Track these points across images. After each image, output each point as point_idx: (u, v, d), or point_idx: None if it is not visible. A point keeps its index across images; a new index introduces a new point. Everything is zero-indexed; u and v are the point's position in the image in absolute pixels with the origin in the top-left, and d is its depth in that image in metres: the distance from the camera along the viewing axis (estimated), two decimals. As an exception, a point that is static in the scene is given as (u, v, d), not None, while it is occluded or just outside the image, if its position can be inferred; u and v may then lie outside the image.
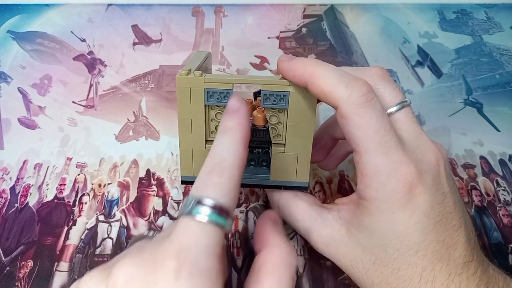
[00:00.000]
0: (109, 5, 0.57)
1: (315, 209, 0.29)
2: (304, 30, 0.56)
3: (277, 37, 0.55)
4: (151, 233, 0.27)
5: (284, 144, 0.29)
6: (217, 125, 0.30)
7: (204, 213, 0.20)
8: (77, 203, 0.38)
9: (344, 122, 0.25)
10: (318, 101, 0.28)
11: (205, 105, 0.29)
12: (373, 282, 0.26)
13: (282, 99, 0.28)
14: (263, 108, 0.29)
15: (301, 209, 0.30)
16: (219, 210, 0.21)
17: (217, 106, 0.29)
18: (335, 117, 0.26)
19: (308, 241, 0.30)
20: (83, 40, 0.53)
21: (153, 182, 0.40)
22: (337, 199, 0.31)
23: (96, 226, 0.37)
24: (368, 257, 0.26)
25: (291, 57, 0.28)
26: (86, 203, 0.38)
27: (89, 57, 0.51)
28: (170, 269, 0.19)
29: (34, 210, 0.38)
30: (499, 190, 0.41)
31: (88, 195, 0.39)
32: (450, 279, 0.25)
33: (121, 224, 0.37)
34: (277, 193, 0.31)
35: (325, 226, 0.28)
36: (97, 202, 0.38)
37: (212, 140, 0.29)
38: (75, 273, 0.34)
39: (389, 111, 0.27)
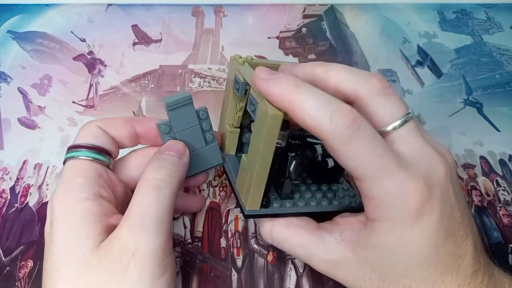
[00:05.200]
0: (109, 5, 0.57)
1: (314, 233, 0.28)
2: (304, 30, 0.56)
3: (277, 37, 0.55)
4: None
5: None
6: (239, 116, 0.32)
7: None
8: (77, 203, 0.38)
9: (334, 154, 0.24)
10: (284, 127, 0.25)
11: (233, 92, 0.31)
12: None
13: (255, 108, 0.26)
14: None
15: (298, 236, 0.28)
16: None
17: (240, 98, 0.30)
18: None
19: (310, 265, 0.29)
20: (83, 40, 0.53)
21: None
22: (337, 217, 0.29)
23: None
24: (377, 275, 0.25)
25: (268, 73, 0.24)
26: (86, 203, 0.38)
27: (89, 57, 0.51)
28: None
29: (34, 210, 0.38)
30: (499, 190, 0.41)
31: (88, 195, 0.39)
32: None
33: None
34: (268, 223, 0.30)
35: (327, 251, 0.27)
36: (97, 202, 0.38)
37: (235, 129, 0.33)
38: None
39: (391, 127, 0.25)
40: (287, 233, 0.29)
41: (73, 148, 0.28)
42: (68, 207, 0.25)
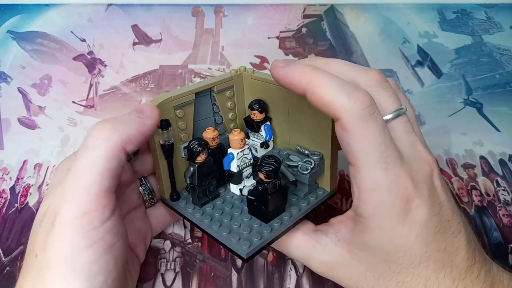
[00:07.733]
0: (109, 5, 0.57)
1: (312, 236, 0.28)
2: (304, 30, 0.56)
3: (277, 37, 0.55)
4: None
5: None
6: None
7: None
8: (77, 203, 0.38)
9: (345, 134, 0.24)
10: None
11: None
12: None
13: None
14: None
15: (296, 238, 0.29)
16: None
17: None
18: None
19: (308, 267, 0.29)
20: (83, 40, 0.53)
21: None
22: (332, 219, 0.29)
23: (96, 226, 0.37)
24: (372, 274, 0.26)
25: (286, 62, 0.26)
26: (86, 203, 0.38)
27: (89, 57, 0.51)
28: None
29: (34, 210, 0.38)
30: (499, 190, 0.41)
31: (88, 195, 0.39)
32: (454, 285, 0.25)
33: (121, 224, 0.37)
34: None
35: (324, 252, 0.27)
36: (97, 202, 0.38)
37: None
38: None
39: (384, 118, 0.25)
40: (286, 236, 0.29)
41: None
42: None
